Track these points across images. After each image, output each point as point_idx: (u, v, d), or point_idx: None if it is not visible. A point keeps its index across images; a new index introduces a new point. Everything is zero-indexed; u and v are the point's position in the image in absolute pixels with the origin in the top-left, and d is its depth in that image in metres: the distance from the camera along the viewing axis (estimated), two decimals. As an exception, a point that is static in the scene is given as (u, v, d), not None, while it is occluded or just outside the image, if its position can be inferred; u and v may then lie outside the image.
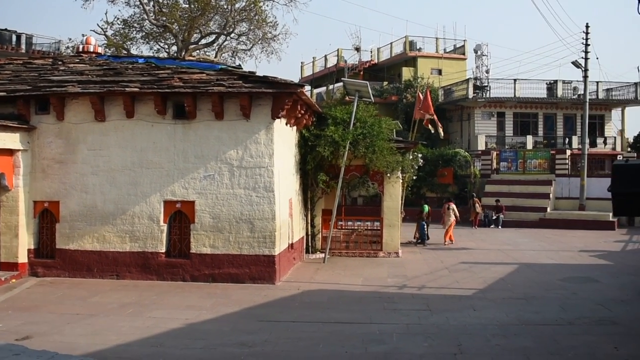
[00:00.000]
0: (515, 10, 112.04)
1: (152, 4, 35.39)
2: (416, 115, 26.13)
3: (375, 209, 23.83)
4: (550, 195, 35.83)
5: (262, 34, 36.87)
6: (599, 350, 10.09)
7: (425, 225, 25.51)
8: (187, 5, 35.32)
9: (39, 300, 13.56)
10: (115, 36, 36.28)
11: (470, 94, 43.16)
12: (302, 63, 62.44)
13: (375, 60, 53.04)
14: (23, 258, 16.10)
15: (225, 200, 15.64)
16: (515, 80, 44.05)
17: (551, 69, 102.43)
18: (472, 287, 15.65)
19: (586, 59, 36.36)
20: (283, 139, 16.78)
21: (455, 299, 14.32)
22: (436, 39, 51.44)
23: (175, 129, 15.78)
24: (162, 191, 15.81)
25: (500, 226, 33.54)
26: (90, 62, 17.46)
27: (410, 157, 22.61)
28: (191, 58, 23.66)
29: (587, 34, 36.36)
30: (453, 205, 26.46)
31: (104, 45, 33.42)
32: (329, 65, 56.37)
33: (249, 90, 15.08)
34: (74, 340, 10.20)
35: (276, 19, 54.35)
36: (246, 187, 15.61)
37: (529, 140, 43.69)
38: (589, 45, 36.35)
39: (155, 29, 36.14)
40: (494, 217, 34.04)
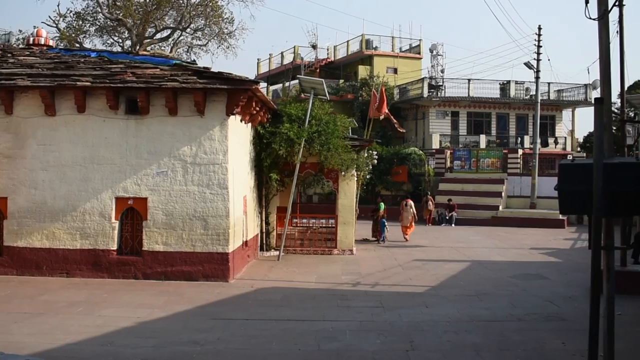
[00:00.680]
0: (470, 12, 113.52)
1: (106, -4, 34.84)
2: (371, 113, 26.24)
3: (330, 206, 23.93)
4: (503, 194, 36.46)
5: (218, 29, 36.63)
6: (548, 345, 10.30)
7: (385, 223, 25.64)
8: (142, -1, 34.90)
9: (-15, 298, 13.22)
10: (68, 29, 35.63)
11: (425, 93, 43.59)
12: (259, 60, 62.28)
13: (332, 58, 53.13)
14: (-32, 255, 15.69)
15: (178, 197, 15.48)
16: (469, 80, 44.66)
17: (504, 69, 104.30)
18: (425, 285, 15.79)
19: (538, 60, 37.10)
20: (238, 136, 16.68)
21: (408, 296, 14.42)
22: (392, 38, 51.86)
23: (127, 125, 15.54)
24: (114, 188, 15.55)
25: (453, 224, 33.97)
26: (40, 55, 17.06)
27: (365, 155, 22.71)
28: (145, 53, 23.35)
29: (540, 35, 37.08)
30: (411, 202, 26.82)
31: (56, 38, 32.77)
32: (285, 63, 56.27)
33: (204, 86, 14.94)
34: (21, 340, 9.96)
35: (232, 15, 53.93)
36: (200, 184, 15.48)
37: (482, 139, 44.32)
38: (541, 47, 37.17)
39: (109, 22, 35.60)
40: (447, 216, 34.46)
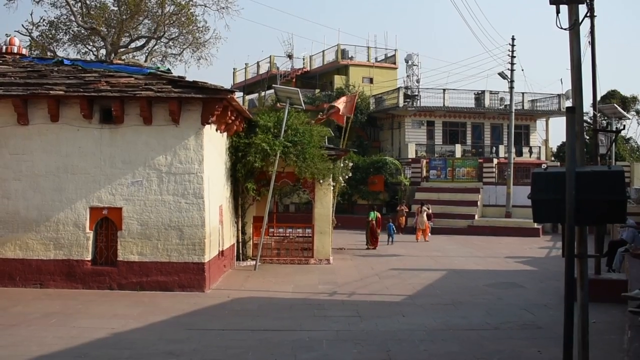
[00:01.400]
0: (444, 23, 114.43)
1: (80, 5, 34.60)
2: (338, 118, 25.98)
3: (307, 216, 23.90)
4: (478, 203, 36.72)
5: (193, 38, 36.55)
6: (523, 353, 10.38)
7: (393, 227, 28.93)
8: (117, 8, 34.69)
9: (-44, 310, 13.01)
10: (42, 38, 35.32)
11: (401, 103, 43.78)
12: (235, 69, 62.16)
13: (308, 68, 53.23)
14: (-61, 267, 15.42)
15: (153, 207, 15.39)
16: (444, 90, 44.94)
17: (479, 79, 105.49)
18: (402, 294, 15.84)
19: (512, 70, 37.49)
20: (213, 145, 16.64)
21: (385, 305, 14.45)
22: (368, 48, 52.03)
23: (102, 134, 15.44)
24: (88, 197, 15.42)
25: (429, 233, 34.05)
26: (13, 64, 16.90)
27: (342, 165, 22.76)
28: (119, 62, 23.21)
29: (513, 46, 37.51)
30: (426, 208, 30.05)
31: (29, 47, 32.45)
32: (261, 72, 56.27)
33: (179, 95, 14.91)
34: (-8, 352, 9.84)
35: (207, 24, 53.79)
36: (175, 194, 15.41)
37: (458, 148, 44.57)
38: (515, 57, 37.55)
39: (82, 31, 35.35)
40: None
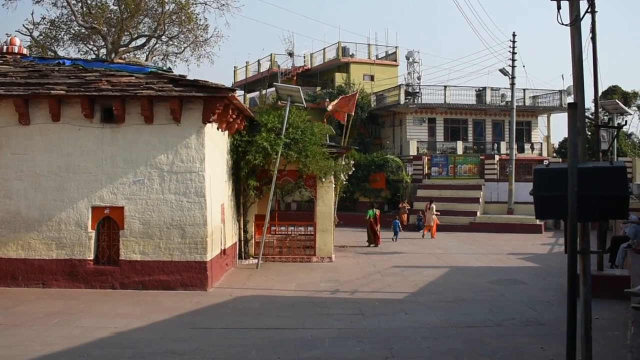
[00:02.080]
0: (445, 20, 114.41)
1: (80, 4, 34.59)
2: (339, 116, 25.95)
3: (309, 214, 23.95)
4: (480, 200, 36.70)
5: (194, 37, 36.53)
6: (526, 350, 10.38)
7: (398, 224, 29.67)
8: (117, 7, 34.68)
9: (-41, 310, 13.03)
10: (42, 38, 35.31)
11: (402, 100, 43.72)
12: (235, 67, 62.18)
13: (309, 66, 53.19)
14: (-59, 267, 15.45)
15: (155, 206, 15.40)
16: (445, 87, 44.87)
17: (480, 76, 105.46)
18: (404, 291, 15.84)
19: (513, 66, 37.45)
20: (215, 144, 16.64)
21: (387, 302, 14.45)
22: (368, 45, 51.99)
23: (103, 133, 15.45)
24: (90, 197, 15.43)
25: (422, 230, 33.92)
26: (14, 64, 16.89)
27: (343, 162, 22.75)
28: (120, 61, 23.21)
29: (514, 42, 37.46)
30: (434, 206, 30.47)
31: (29, 47, 32.45)
32: (262, 70, 56.26)
33: (180, 94, 14.90)
34: (-5, 352, 9.86)
35: (207, 22, 53.74)
36: (177, 192, 15.41)
37: (459, 145, 44.55)
38: (516, 53, 37.53)
39: (83, 30, 35.34)
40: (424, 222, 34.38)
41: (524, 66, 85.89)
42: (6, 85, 15.26)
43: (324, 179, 20.85)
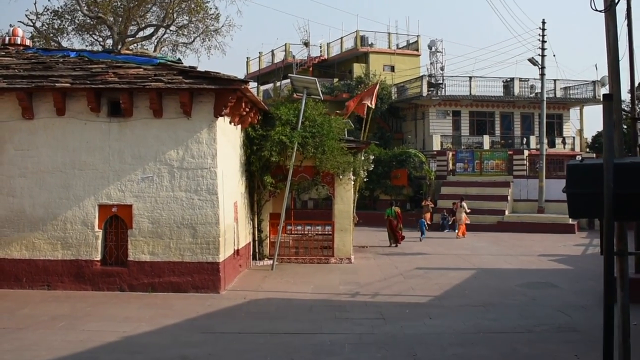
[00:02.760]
0: (469, 6, 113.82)
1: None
2: (358, 109, 25.85)
3: (326, 212, 23.92)
4: (509, 198, 36.47)
5: (204, 26, 36.62)
6: (559, 358, 10.34)
7: (424, 223, 30.02)
8: (123, -5, 34.87)
9: (-39, 314, 13.17)
10: (46, 29, 35.56)
11: (425, 92, 43.49)
12: (248, 58, 62.23)
13: (325, 56, 53.05)
14: (-57, 268, 15.60)
15: (165, 204, 15.46)
16: (470, 77, 44.57)
17: (507, 66, 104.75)
18: (428, 294, 15.80)
19: (543, 56, 37.19)
20: (227, 138, 16.68)
21: (410, 306, 14.43)
22: (388, 34, 51.73)
23: (110, 128, 15.53)
24: (97, 194, 15.53)
25: (456, 230, 33.90)
26: (17, 56, 17.03)
27: (362, 158, 22.71)
28: (127, 52, 23.31)
29: (544, 30, 37.19)
30: (464, 203, 30.88)
31: (33, 38, 32.69)
32: (276, 61, 56.22)
33: (190, 87, 14.94)
34: (0, 357, 9.93)
35: (218, 11, 53.83)
36: (188, 190, 15.47)
37: (486, 140, 44.29)
38: (546, 42, 37.22)
39: (88, 20, 35.54)
40: (450, 221, 34.30)
41: (554, 55, 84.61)
42: (9, 78, 15.37)
43: (342, 176, 20.81)
